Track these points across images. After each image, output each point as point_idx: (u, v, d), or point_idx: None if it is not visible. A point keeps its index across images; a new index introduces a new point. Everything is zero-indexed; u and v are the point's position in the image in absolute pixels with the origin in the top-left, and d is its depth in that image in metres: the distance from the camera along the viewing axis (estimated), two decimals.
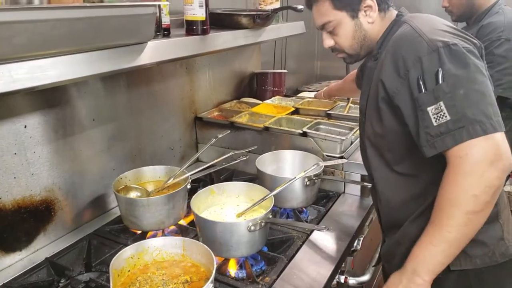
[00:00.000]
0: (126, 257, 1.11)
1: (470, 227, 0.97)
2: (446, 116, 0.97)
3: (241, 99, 2.32)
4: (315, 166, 1.48)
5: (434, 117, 0.98)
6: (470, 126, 0.95)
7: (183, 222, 1.51)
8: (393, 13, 1.24)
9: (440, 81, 0.98)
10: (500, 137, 0.95)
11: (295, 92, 2.96)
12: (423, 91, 1.00)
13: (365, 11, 1.19)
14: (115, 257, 1.08)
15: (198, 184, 1.72)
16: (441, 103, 0.98)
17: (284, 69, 2.74)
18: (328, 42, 1.26)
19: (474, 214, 0.95)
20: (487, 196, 0.94)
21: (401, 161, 1.18)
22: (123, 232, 1.45)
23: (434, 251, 1.00)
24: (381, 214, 1.33)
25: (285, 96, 2.47)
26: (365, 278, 1.57)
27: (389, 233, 1.30)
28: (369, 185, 1.60)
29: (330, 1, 1.19)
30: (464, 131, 0.95)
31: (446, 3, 2.33)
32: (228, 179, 1.84)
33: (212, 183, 1.65)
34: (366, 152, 1.28)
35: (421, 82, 1.01)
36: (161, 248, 1.16)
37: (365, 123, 1.27)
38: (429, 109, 0.99)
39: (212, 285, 1.00)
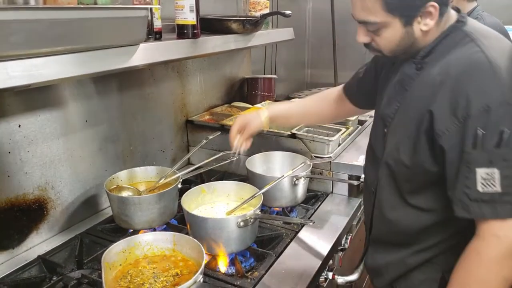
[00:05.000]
0: (117, 251, 1.14)
1: None
2: (495, 186, 0.85)
3: (232, 104, 2.36)
4: (303, 164, 1.52)
5: (482, 183, 0.86)
6: None
7: (174, 221, 1.54)
8: (450, 15, 1.01)
9: (504, 145, 0.85)
10: None
11: (286, 99, 3.01)
12: (479, 149, 0.86)
13: (421, 17, 0.95)
14: (107, 251, 1.11)
15: (189, 185, 1.75)
16: (496, 170, 0.85)
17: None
18: (364, 38, 1.03)
19: None
20: None
21: (418, 194, 1.05)
22: (115, 231, 1.47)
23: None
24: (374, 226, 1.21)
25: (275, 101, 2.52)
26: (353, 277, 1.60)
27: (377, 246, 1.22)
28: (356, 182, 1.65)
29: (383, 1, 0.94)
30: (510, 208, 0.85)
31: None
32: (219, 180, 1.87)
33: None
34: (378, 170, 1.12)
35: (479, 136, 0.86)
36: (152, 243, 1.19)
37: (387, 137, 1.09)
38: (478, 170, 0.86)
39: (201, 276, 1.03)
